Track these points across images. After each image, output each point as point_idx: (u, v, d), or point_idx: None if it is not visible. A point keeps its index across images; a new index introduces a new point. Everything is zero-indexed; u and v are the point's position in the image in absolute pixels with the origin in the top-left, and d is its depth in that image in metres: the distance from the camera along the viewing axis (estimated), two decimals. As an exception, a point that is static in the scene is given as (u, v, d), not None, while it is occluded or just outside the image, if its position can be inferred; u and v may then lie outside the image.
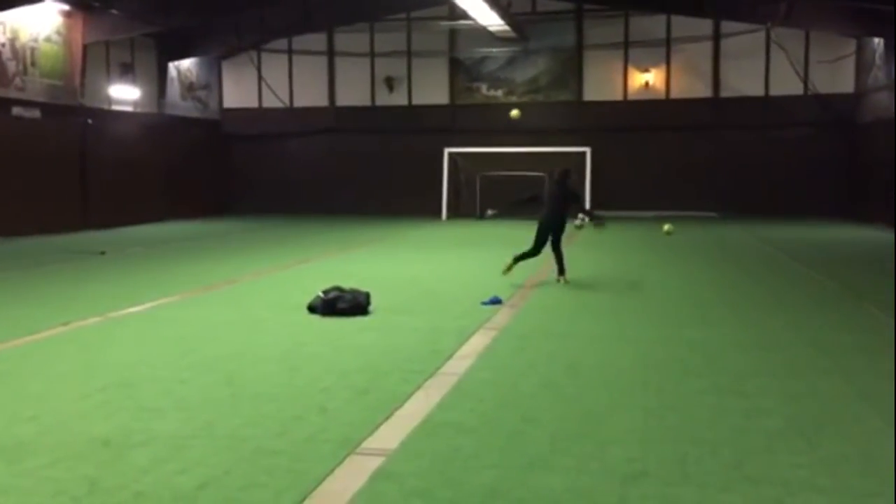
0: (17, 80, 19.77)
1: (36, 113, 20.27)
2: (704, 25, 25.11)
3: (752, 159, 25.17)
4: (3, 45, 19.33)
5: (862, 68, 23.55)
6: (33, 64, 20.22)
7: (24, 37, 19.94)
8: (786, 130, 24.85)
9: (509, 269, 11.65)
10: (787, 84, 24.53)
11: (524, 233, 19.81)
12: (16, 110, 19.70)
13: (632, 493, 4.15)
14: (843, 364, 6.83)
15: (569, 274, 11.67)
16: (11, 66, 19.57)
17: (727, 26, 24.88)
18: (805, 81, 24.43)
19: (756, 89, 25.08)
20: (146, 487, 4.25)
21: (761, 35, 24.38)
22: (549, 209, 11.67)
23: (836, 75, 24.14)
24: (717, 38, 25.26)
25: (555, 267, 11.65)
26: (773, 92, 24.93)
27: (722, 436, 5.00)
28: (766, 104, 24.94)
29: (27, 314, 9.30)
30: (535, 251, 11.65)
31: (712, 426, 5.19)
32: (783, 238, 18.10)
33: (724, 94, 25.35)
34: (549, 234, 11.61)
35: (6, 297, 10.66)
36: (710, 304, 9.88)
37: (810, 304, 9.79)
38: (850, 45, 23.81)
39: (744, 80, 25.07)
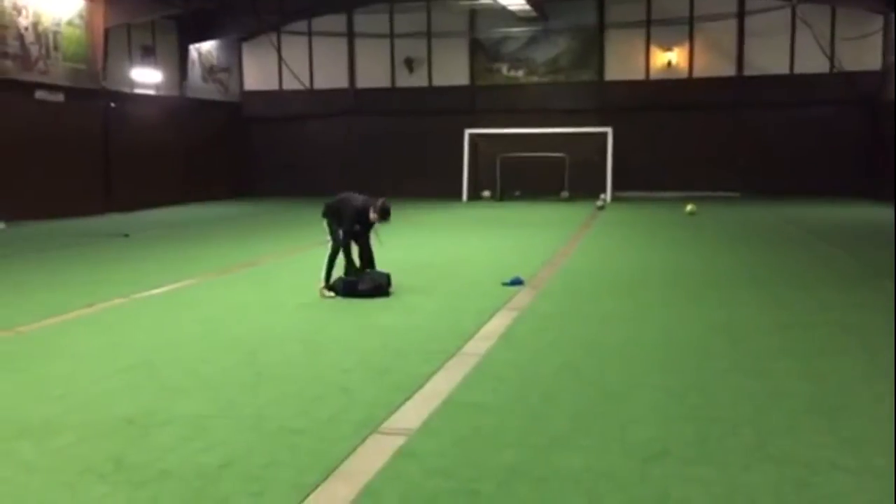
0: (41, 64, 19.89)
1: (59, 97, 20.40)
2: (728, 2, 24.77)
3: (776, 138, 24.89)
4: (26, 29, 19.45)
5: (889, 45, 23.16)
6: (56, 48, 20.34)
7: (47, 21, 20.05)
8: (811, 109, 24.51)
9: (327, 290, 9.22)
10: (812, 62, 24.17)
11: (545, 213, 19.82)
12: (39, 94, 19.84)
13: (653, 473, 4.14)
14: (866, 343, 6.77)
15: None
16: (34, 51, 19.69)
17: (751, 3, 24.54)
18: (831, 59, 24.07)
19: (781, 67, 24.74)
20: (170, 465, 4.30)
21: (786, 12, 24.04)
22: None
23: (862, 52, 23.74)
24: (741, 15, 24.92)
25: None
26: (798, 70, 24.58)
27: (744, 415, 4.98)
28: (790, 82, 24.61)
29: (52, 296, 9.40)
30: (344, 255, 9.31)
31: (734, 406, 5.16)
32: (806, 217, 17.91)
33: (748, 72, 25.03)
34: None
35: (32, 279, 10.78)
36: (732, 284, 9.80)
37: (833, 284, 9.68)
38: (878, 22, 23.40)
39: (768, 58, 24.73)
